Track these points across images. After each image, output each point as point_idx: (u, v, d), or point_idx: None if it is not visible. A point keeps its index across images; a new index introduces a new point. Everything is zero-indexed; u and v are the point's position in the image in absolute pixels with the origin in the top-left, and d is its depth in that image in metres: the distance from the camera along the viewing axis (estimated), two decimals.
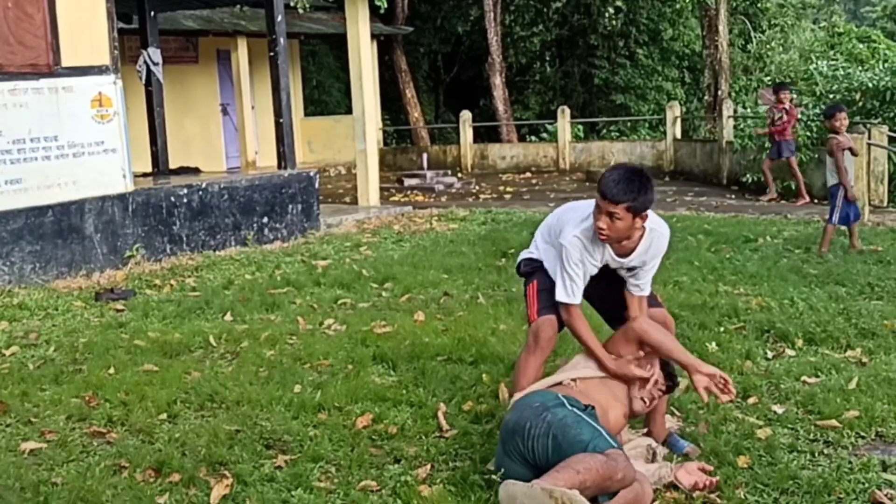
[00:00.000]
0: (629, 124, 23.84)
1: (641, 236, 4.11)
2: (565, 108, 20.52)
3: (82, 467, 4.13)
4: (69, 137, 8.68)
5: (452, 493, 3.72)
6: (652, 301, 4.40)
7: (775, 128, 13.18)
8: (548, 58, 28.34)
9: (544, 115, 25.08)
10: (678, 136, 18.60)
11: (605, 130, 23.96)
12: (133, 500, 3.73)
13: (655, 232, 4.17)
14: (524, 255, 4.56)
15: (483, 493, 3.71)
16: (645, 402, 4.05)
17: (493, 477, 3.66)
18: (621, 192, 3.90)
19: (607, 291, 4.31)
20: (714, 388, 3.91)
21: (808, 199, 13.01)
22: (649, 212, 4.08)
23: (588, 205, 4.14)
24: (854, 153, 9.09)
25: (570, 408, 3.68)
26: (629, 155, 19.05)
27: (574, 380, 4.02)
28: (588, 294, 4.21)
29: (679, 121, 18.71)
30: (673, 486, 3.74)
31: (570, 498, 3.24)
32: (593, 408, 3.79)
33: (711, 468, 3.82)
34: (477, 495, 3.70)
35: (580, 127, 21.93)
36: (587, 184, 17.46)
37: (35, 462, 4.24)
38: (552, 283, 4.22)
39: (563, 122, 19.99)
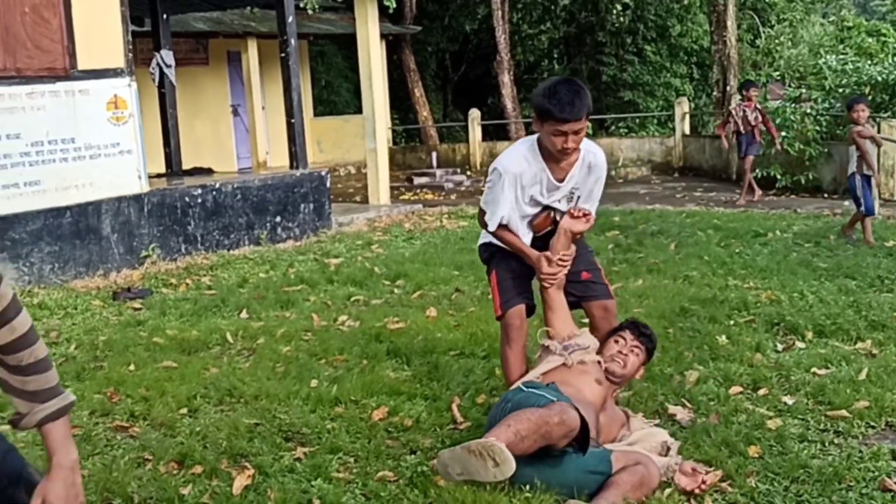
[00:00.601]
0: (638, 121, 23.90)
1: (577, 158, 4.25)
2: None
3: (107, 460, 4.23)
4: (86, 139, 8.80)
5: (468, 483, 3.80)
6: (604, 292, 4.59)
7: (752, 126, 12.95)
8: (556, 55, 28.42)
9: None
10: (687, 132, 18.65)
11: (613, 127, 24.01)
12: (158, 492, 3.82)
13: (590, 153, 4.34)
14: (481, 240, 4.67)
15: (498, 483, 3.79)
16: (619, 362, 4.23)
17: None
18: (580, 108, 4.02)
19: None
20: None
21: (752, 198, 12.97)
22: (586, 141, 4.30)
23: (517, 146, 4.33)
24: (877, 144, 9.28)
25: (526, 390, 3.87)
26: (638, 151, 19.11)
27: (543, 375, 4.13)
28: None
29: (688, 117, 18.76)
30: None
31: (486, 446, 3.36)
32: (554, 385, 3.95)
33: (705, 469, 3.84)
34: (492, 485, 3.78)
35: (588, 124, 21.97)
36: None
37: None
38: (510, 272, 4.43)
39: None
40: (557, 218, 4.38)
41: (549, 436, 3.49)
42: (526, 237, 4.38)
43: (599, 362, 4.22)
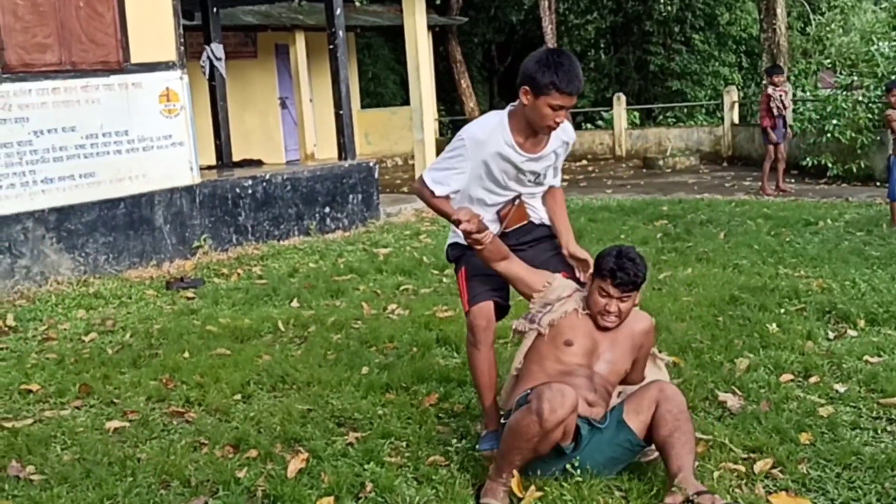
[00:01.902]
0: (685, 110, 23.68)
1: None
2: (621, 95, 20.48)
3: (164, 444, 4.33)
4: (139, 132, 8.95)
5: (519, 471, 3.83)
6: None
7: (784, 111, 12.67)
8: (602, 45, 28.24)
9: (599, 102, 25.02)
10: (736, 121, 18.46)
11: (661, 117, 23.82)
12: (214, 474, 3.90)
13: (561, 127, 3.99)
14: (450, 239, 4.30)
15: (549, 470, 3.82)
16: (610, 320, 3.79)
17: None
18: (581, 81, 3.82)
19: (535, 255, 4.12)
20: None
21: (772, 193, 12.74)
22: None
23: (486, 117, 4.08)
24: None
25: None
26: (686, 141, 18.96)
27: (524, 358, 3.95)
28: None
29: (737, 106, 18.57)
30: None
31: None
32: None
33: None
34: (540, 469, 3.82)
35: (636, 114, 21.84)
36: (644, 170, 17.44)
37: (119, 440, 4.44)
38: (480, 268, 4.01)
39: (619, 110, 19.95)
40: (531, 214, 4.14)
41: (534, 442, 3.45)
42: (492, 226, 3.95)
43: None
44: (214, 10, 12.61)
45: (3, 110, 7.91)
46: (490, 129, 3.94)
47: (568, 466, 3.64)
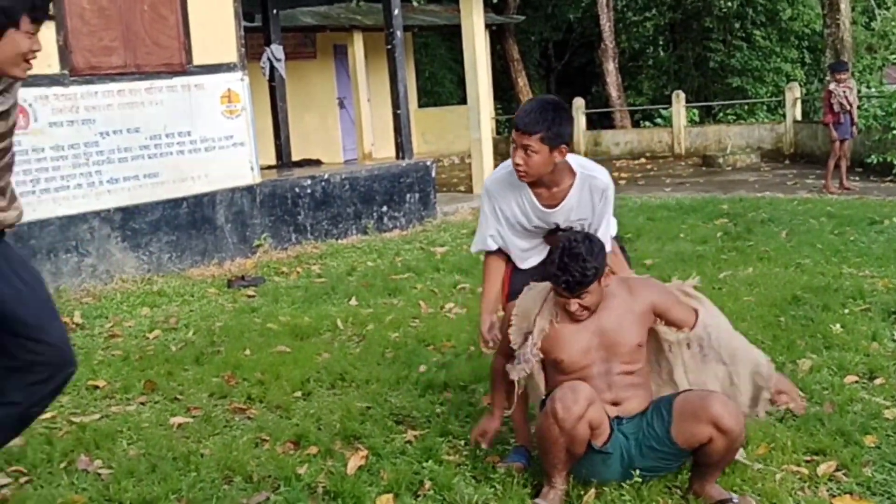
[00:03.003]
0: (746, 107, 23.39)
1: (572, 184, 3.84)
2: (680, 92, 20.29)
3: (227, 440, 4.40)
4: (201, 132, 9.10)
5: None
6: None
7: (849, 109, 12.41)
8: (661, 42, 28.00)
9: (658, 100, 24.81)
10: (798, 118, 18.19)
11: (721, 114, 23.56)
12: (276, 470, 3.96)
13: (589, 177, 3.87)
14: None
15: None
16: (579, 316, 3.58)
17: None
18: (533, 122, 3.63)
19: None
20: None
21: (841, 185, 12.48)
22: (584, 159, 3.95)
23: (503, 165, 3.98)
24: None
25: None
26: (747, 138, 18.73)
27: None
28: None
29: (799, 102, 18.30)
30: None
31: None
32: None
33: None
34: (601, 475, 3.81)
35: (695, 111, 21.64)
36: (703, 168, 17.26)
37: (183, 435, 4.52)
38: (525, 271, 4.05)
39: (678, 107, 19.77)
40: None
41: (555, 444, 3.41)
42: (536, 257, 4.02)
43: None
44: (274, 11, 12.77)
45: (70, 112, 8.09)
46: (501, 178, 3.96)
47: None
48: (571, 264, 3.44)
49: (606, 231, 3.96)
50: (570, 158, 3.86)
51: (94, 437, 4.47)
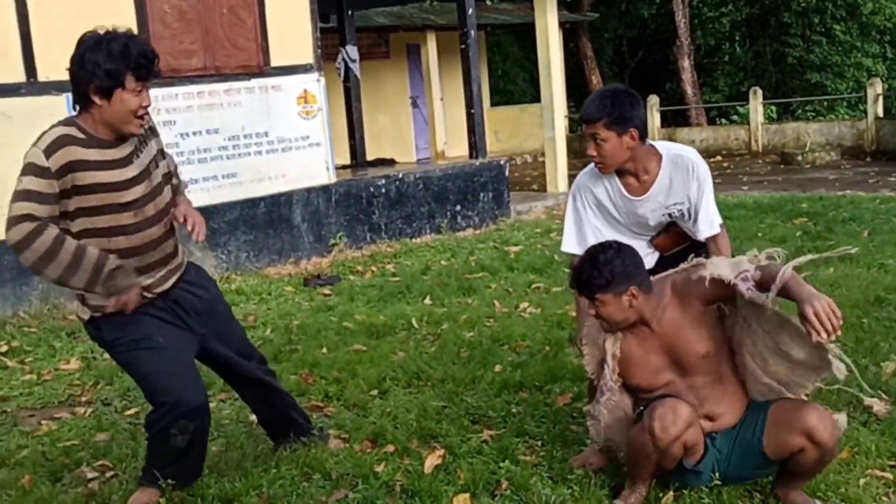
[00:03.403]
0: (825, 104, 22.89)
1: (660, 167, 3.75)
2: (757, 89, 19.93)
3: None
4: (278, 133, 9.24)
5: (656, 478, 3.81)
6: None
7: None
8: (737, 38, 27.53)
9: (734, 97, 24.42)
10: (880, 114, 17.74)
11: (799, 111, 23.10)
12: (354, 468, 4.01)
13: (676, 156, 3.77)
14: None
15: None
16: (604, 325, 3.51)
17: None
18: (595, 109, 3.64)
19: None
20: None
21: None
22: (672, 143, 3.84)
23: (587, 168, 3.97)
24: None
25: None
26: (826, 135, 18.33)
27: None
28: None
29: (881, 98, 17.84)
30: None
31: None
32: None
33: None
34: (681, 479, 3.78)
35: (773, 108, 21.23)
36: (781, 166, 16.96)
37: (262, 433, 4.59)
38: None
39: (755, 104, 19.43)
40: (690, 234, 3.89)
41: (662, 464, 3.39)
42: (648, 258, 3.85)
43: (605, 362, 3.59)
44: (349, 12, 12.88)
45: (152, 114, 8.25)
46: (590, 170, 3.93)
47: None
48: (585, 264, 3.41)
49: (707, 218, 3.82)
50: (658, 144, 3.82)
51: None
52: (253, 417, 4.79)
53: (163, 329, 3.57)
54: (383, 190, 10.33)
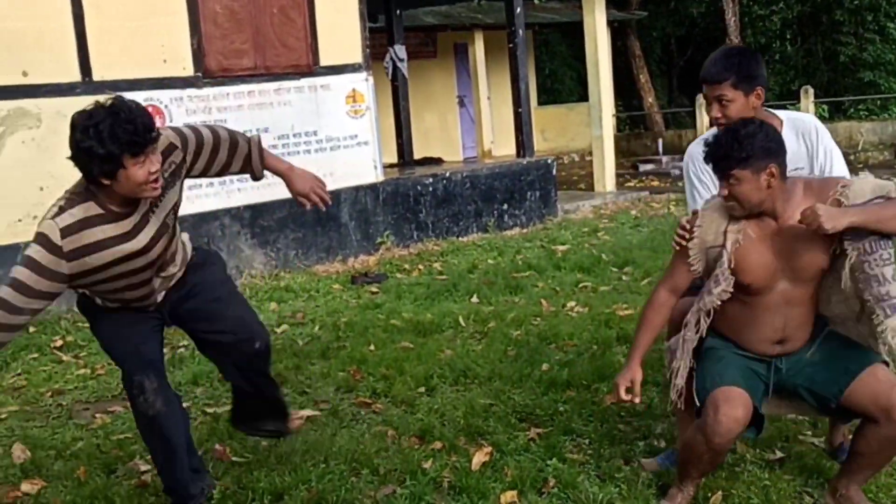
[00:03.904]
0: (878, 102, 22.53)
1: (780, 131, 3.50)
2: (808, 87, 19.64)
3: (354, 433, 4.51)
4: (327, 132, 9.31)
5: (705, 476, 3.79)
6: None
7: None
8: (788, 36, 27.18)
9: (785, 95, 24.10)
10: None
11: (852, 110, 22.75)
12: (402, 464, 4.03)
13: (796, 119, 3.67)
14: None
15: (726, 471, 3.77)
16: (734, 206, 3.25)
17: None
18: (721, 69, 3.47)
19: None
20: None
21: None
22: (788, 111, 3.68)
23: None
24: None
25: None
26: (879, 135, 18.06)
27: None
28: None
29: None
30: None
31: None
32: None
33: None
34: (726, 472, 3.76)
35: (825, 107, 20.94)
36: None
37: (312, 427, 4.65)
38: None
39: (807, 103, 19.15)
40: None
41: (714, 462, 3.38)
42: None
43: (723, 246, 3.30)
44: (398, 12, 12.93)
45: (203, 113, 8.39)
46: (703, 139, 3.68)
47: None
48: (725, 137, 3.20)
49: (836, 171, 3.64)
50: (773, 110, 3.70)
51: (227, 427, 4.62)
52: (302, 412, 4.85)
53: (126, 312, 3.58)
54: (430, 189, 10.36)
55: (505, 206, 11.14)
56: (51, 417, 5.14)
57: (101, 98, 3.13)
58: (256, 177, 3.78)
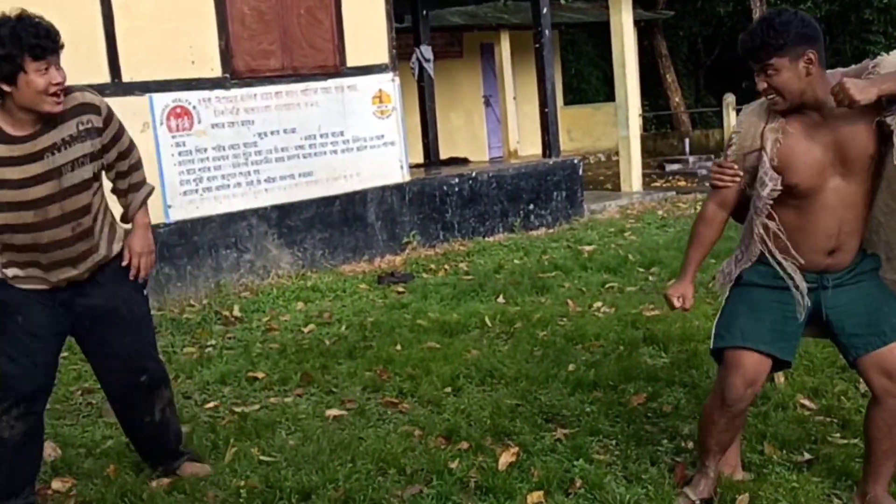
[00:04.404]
0: None
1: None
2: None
3: (381, 433, 4.52)
4: (353, 132, 9.34)
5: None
6: None
7: None
8: None
9: None
10: None
11: None
12: (428, 464, 4.04)
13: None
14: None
15: (755, 471, 3.76)
16: (774, 100, 3.20)
17: None
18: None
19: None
20: None
21: None
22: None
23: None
24: None
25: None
26: None
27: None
28: None
29: None
30: None
31: None
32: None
33: None
34: (754, 474, 3.75)
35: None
36: None
37: (339, 427, 4.67)
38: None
39: None
40: None
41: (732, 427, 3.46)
42: None
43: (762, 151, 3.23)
44: (424, 12, 12.95)
45: (231, 114, 8.44)
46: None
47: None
48: (760, 25, 3.11)
49: None
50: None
51: (255, 426, 4.67)
52: (328, 412, 4.88)
53: (33, 311, 3.55)
54: (456, 189, 10.37)
55: (531, 207, 11.13)
56: (81, 416, 5.19)
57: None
58: (127, 216, 3.81)
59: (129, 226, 3.82)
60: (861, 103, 2.95)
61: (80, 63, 7.52)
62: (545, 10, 11.57)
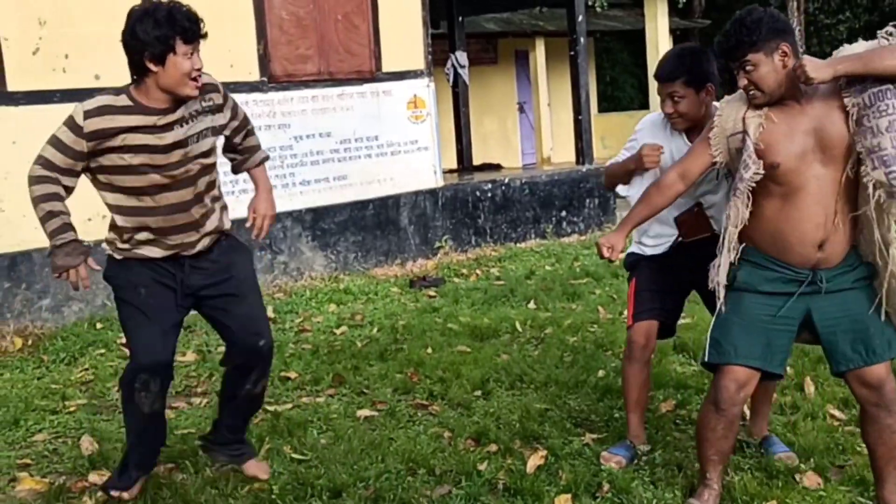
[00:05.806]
0: None
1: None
2: None
3: (411, 434, 4.58)
4: (388, 137, 9.43)
5: (757, 480, 3.80)
6: None
7: None
8: None
9: None
10: None
11: None
12: (458, 465, 4.09)
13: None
14: (630, 248, 4.35)
15: (785, 478, 3.77)
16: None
17: None
18: (672, 69, 3.79)
19: None
20: None
21: None
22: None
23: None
24: None
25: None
26: None
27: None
28: None
29: None
30: None
31: None
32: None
33: None
34: (783, 480, 3.77)
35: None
36: None
37: (369, 427, 4.74)
38: (652, 283, 4.13)
39: None
40: (713, 225, 3.89)
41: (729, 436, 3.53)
42: (663, 242, 4.08)
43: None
44: (460, 18, 13.03)
45: (268, 117, 8.55)
46: (656, 122, 4.08)
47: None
48: (732, 27, 3.28)
49: None
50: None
51: (287, 425, 4.74)
52: (360, 413, 4.95)
53: (152, 285, 3.69)
54: (489, 194, 10.43)
55: (563, 213, 11.17)
56: (117, 411, 5.27)
57: None
58: (240, 168, 4.08)
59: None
60: (815, 81, 3.12)
61: (122, 66, 7.65)
62: (580, 18, 11.61)
